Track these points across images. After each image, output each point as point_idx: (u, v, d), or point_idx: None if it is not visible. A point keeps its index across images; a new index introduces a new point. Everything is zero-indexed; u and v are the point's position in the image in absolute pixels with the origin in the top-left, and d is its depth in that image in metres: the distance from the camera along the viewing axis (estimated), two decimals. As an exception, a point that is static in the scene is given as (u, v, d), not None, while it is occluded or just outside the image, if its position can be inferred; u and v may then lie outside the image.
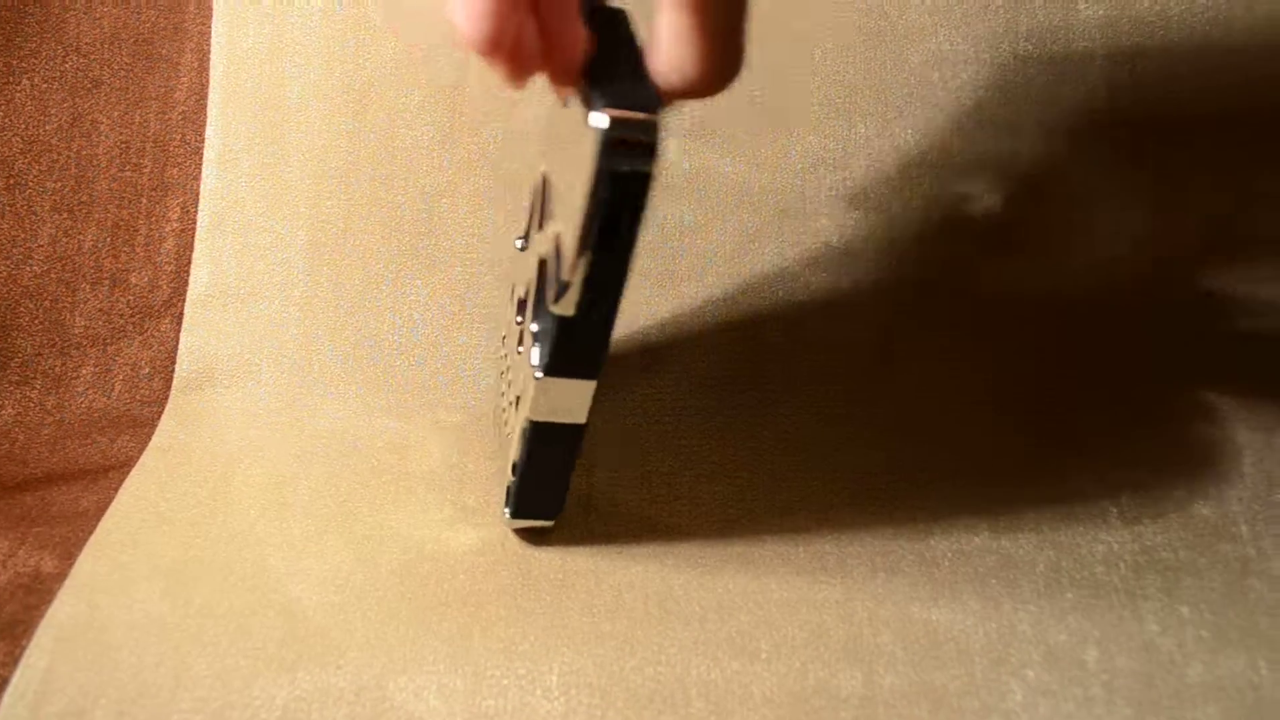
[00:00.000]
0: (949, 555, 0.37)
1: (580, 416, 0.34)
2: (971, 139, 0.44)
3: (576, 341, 0.32)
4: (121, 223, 0.45)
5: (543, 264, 0.34)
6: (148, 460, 0.40)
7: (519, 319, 0.37)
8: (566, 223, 0.31)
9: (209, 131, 0.46)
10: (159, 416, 0.42)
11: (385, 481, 0.39)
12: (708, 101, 0.44)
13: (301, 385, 0.43)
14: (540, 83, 0.44)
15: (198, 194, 0.45)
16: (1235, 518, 0.38)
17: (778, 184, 0.44)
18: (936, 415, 0.42)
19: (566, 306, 0.31)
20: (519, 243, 0.39)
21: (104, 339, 0.44)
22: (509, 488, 0.36)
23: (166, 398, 0.43)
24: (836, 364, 0.42)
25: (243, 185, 0.45)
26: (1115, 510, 0.38)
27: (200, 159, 0.45)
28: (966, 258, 0.44)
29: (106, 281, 0.45)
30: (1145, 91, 0.44)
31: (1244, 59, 0.43)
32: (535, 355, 0.34)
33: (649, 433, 0.38)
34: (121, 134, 0.46)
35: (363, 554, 0.37)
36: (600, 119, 0.28)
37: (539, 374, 0.33)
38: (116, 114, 0.46)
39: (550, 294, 0.32)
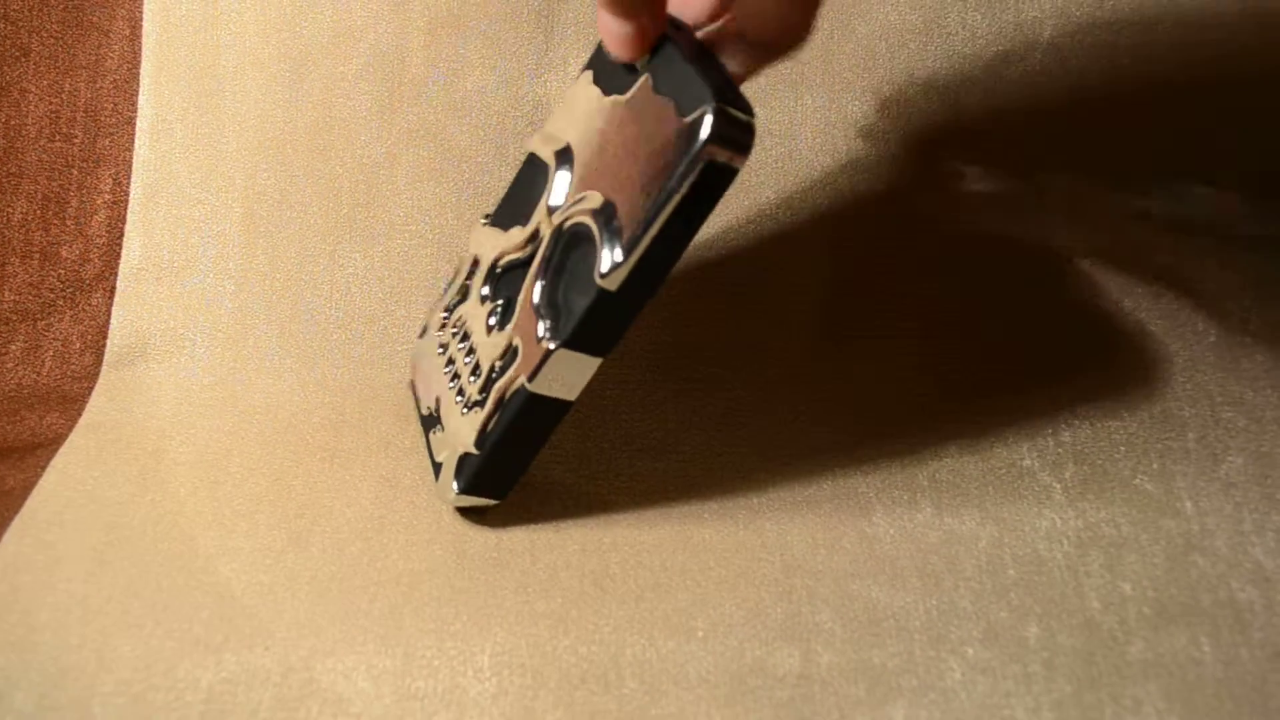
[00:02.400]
0: (891, 532, 0.36)
1: (574, 394, 0.34)
2: (920, 110, 0.43)
3: (607, 317, 0.33)
4: (51, 195, 0.44)
5: (569, 236, 0.34)
6: (77, 438, 0.39)
7: (487, 291, 0.37)
8: (627, 201, 0.32)
9: (142, 101, 0.44)
10: (89, 393, 0.41)
11: (319, 459, 0.38)
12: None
13: (235, 360, 0.42)
14: (487, 57, 0.44)
15: (130, 165, 0.44)
16: (1179, 493, 0.38)
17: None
18: (880, 391, 0.41)
19: (613, 281, 0.32)
20: (485, 219, 0.38)
21: (33, 314, 0.43)
22: (461, 460, 0.36)
23: (97, 373, 0.42)
24: (779, 339, 0.42)
25: (176, 156, 0.44)
26: (1059, 486, 0.38)
27: (133, 129, 0.44)
28: (912, 230, 0.43)
29: (36, 255, 0.44)
30: (1093, 60, 0.43)
31: (1189, 32, 0.43)
32: (542, 329, 0.33)
33: (588, 408, 0.38)
34: (51, 103, 0.44)
35: (294, 532, 0.36)
36: (710, 112, 0.30)
37: (553, 345, 0.33)
38: (46, 82, 0.44)
39: (595, 267, 0.32)
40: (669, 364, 0.42)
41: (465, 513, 0.37)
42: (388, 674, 0.32)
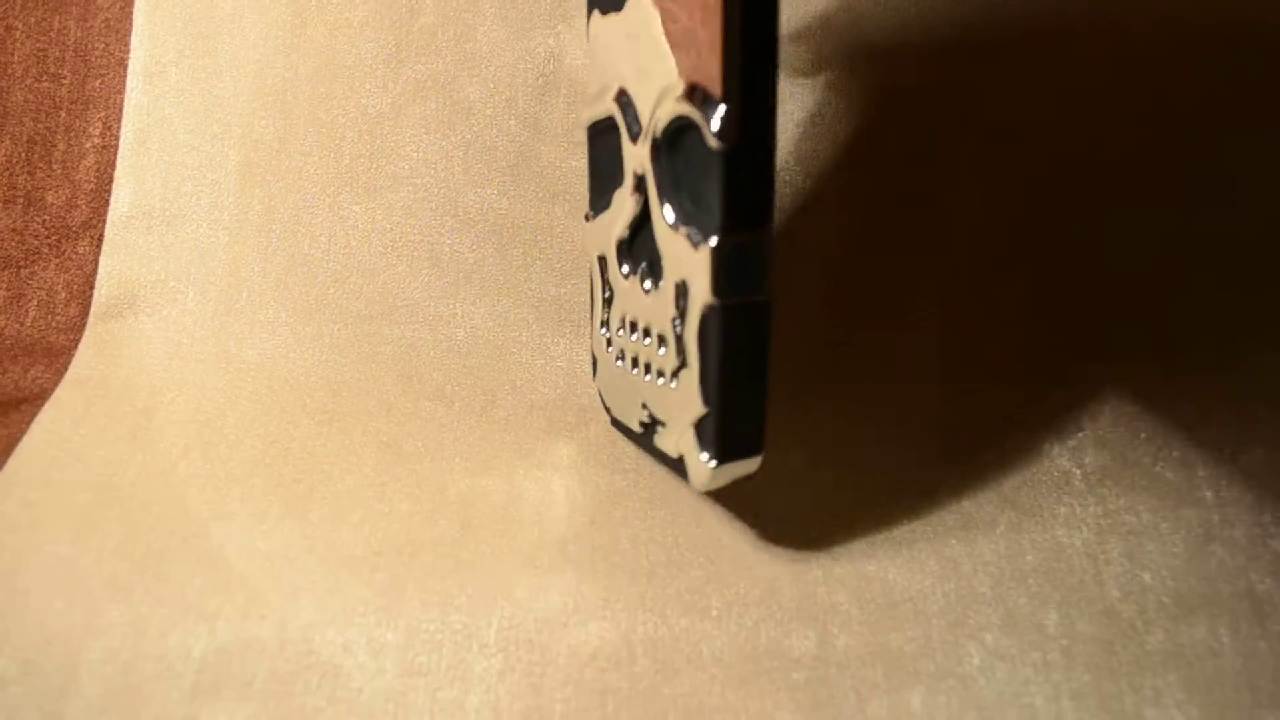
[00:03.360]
0: (907, 514, 0.35)
1: (764, 291, 0.31)
2: (897, 69, 0.42)
3: (746, 179, 0.29)
4: (37, 137, 0.42)
5: (669, 136, 0.31)
6: (63, 393, 0.38)
7: (624, 271, 0.34)
8: (701, 63, 0.29)
9: (134, 41, 0.43)
10: (76, 345, 0.40)
11: (317, 421, 0.37)
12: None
13: (229, 314, 0.40)
14: (500, 8, 0.42)
15: (121, 108, 0.42)
16: (1199, 483, 0.37)
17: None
18: (889, 372, 0.40)
19: (729, 133, 0.28)
20: (589, 216, 0.36)
21: (17, 261, 0.41)
22: (699, 430, 0.32)
23: (84, 325, 0.40)
24: (788, 316, 0.41)
25: (170, 100, 0.42)
26: (1078, 472, 0.37)
27: (124, 70, 0.43)
28: (897, 200, 0.42)
29: (20, 200, 0.42)
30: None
31: None
32: (693, 235, 0.30)
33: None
34: (38, 41, 0.43)
35: (292, 498, 0.35)
36: None
37: (713, 240, 0.30)
38: (33, 19, 0.43)
39: (705, 136, 0.29)
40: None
41: (718, 498, 0.34)
42: (390, 647, 0.31)
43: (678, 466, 0.34)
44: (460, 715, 0.29)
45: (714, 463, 0.32)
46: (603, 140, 0.35)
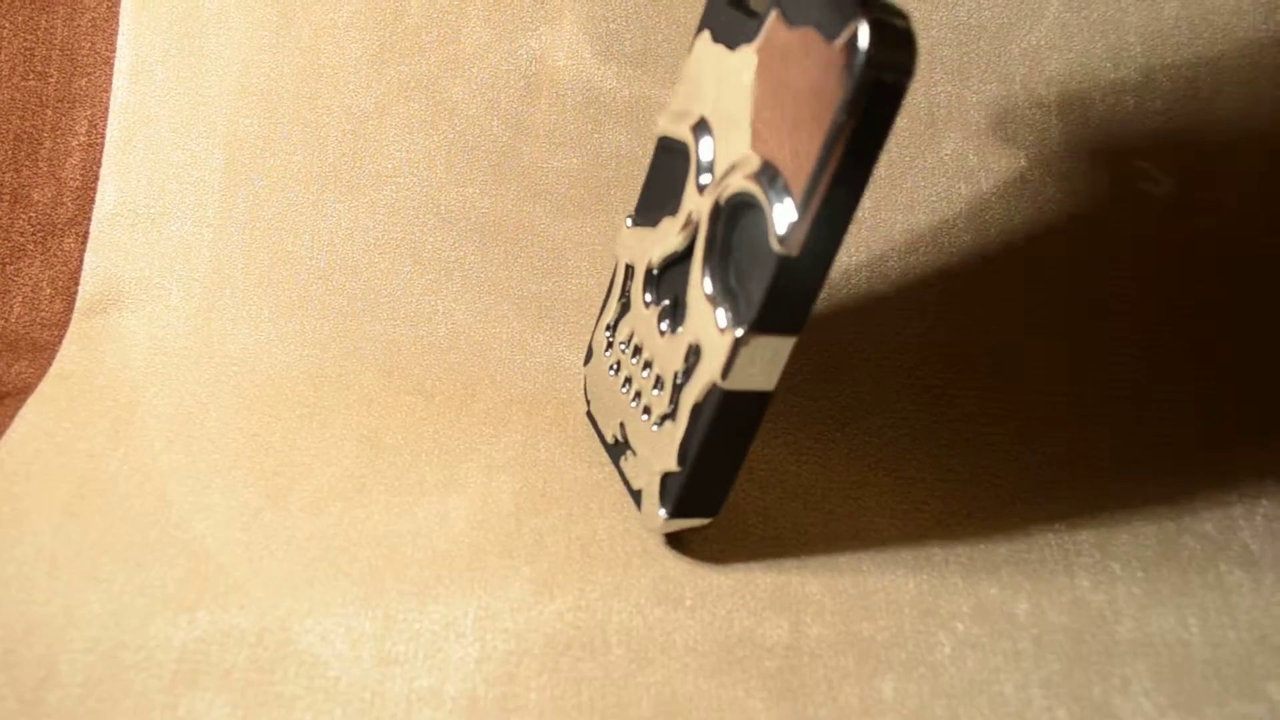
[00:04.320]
0: (882, 505, 0.36)
1: (772, 381, 0.31)
2: (922, 80, 0.43)
3: (793, 287, 0.29)
4: (24, 135, 0.42)
5: (729, 211, 0.31)
6: (46, 387, 0.38)
7: (651, 298, 0.34)
8: (789, 152, 0.29)
9: (121, 40, 0.43)
10: (60, 341, 0.40)
11: (298, 415, 0.37)
12: (650, 29, 0.43)
13: (212, 310, 0.40)
14: (486, 10, 0.42)
15: (107, 107, 0.43)
16: (1171, 476, 0.37)
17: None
18: (871, 365, 0.40)
19: (793, 243, 0.28)
20: (630, 221, 0.36)
21: (2, 258, 0.42)
22: (664, 481, 0.33)
23: (68, 321, 0.41)
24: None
25: (156, 99, 0.42)
26: (1052, 464, 0.38)
27: (110, 69, 0.43)
28: (913, 203, 0.43)
29: (6, 197, 0.42)
30: (1098, 31, 0.43)
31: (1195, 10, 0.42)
32: (723, 316, 0.30)
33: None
34: (25, 40, 0.43)
35: (272, 490, 0.35)
36: (864, 24, 0.26)
37: (740, 331, 0.30)
38: (20, 18, 0.43)
39: (768, 234, 0.29)
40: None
41: (669, 540, 0.34)
42: (367, 637, 0.31)
43: (634, 494, 0.35)
44: (437, 703, 0.30)
45: (664, 517, 0.33)
46: (670, 158, 0.35)
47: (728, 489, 0.33)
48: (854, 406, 0.39)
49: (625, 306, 0.36)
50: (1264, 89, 0.42)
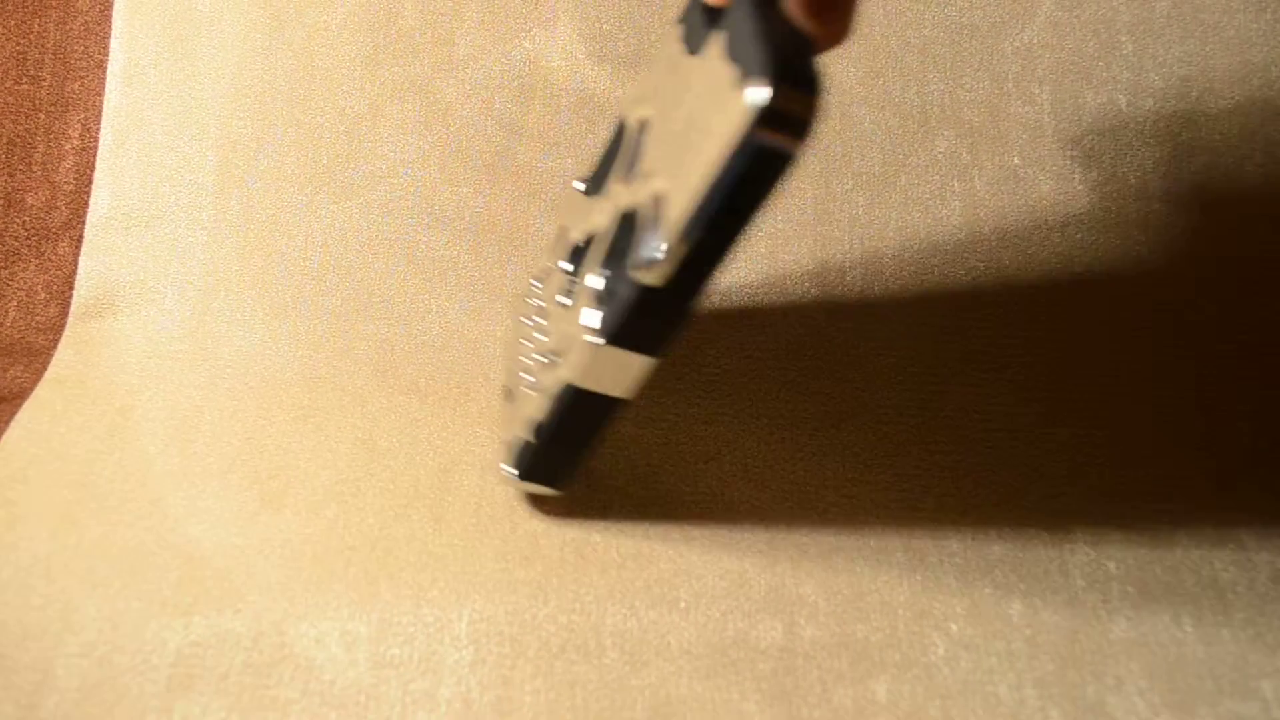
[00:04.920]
0: (876, 506, 0.36)
1: (629, 392, 0.32)
2: (916, 78, 0.43)
3: (653, 315, 0.30)
4: (17, 139, 0.43)
5: (627, 218, 0.31)
6: (42, 392, 0.38)
7: (568, 267, 0.35)
8: (678, 185, 0.28)
9: (114, 44, 0.43)
10: (55, 345, 0.40)
11: (292, 417, 0.38)
12: (643, 31, 0.43)
13: (207, 313, 0.41)
14: (480, 12, 0.42)
15: (100, 110, 0.43)
16: (1166, 475, 0.37)
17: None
18: (864, 363, 0.40)
19: (655, 276, 0.29)
20: (580, 185, 0.36)
21: (-3, 262, 0.42)
22: (523, 446, 0.34)
23: (63, 325, 0.41)
24: (767, 307, 0.41)
25: (149, 102, 0.42)
26: (1047, 464, 0.38)
27: (103, 73, 0.43)
28: (907, 201, 0.43)
29: (0, 202, 0.42)
30: (1090, 30, 0.43)
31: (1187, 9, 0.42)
32: (593, 317, 0.31)
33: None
34: (18, 44, 0.43)
35: (267, 494, 0.35)
36: (763, 88, 0.26)
37: (599, 340, 0.30)
38: (13, 22, 0.43)
39: (637, 257, 0.29)
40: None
41: (529, 499, 0.35)
42: (362, 640, 0.31)
43: (504, 441, 0.36)
44: (431, 706, 0.30)
45: (514, 475, 0.34)
46: (619, 139, 0.35)
47: (572, 472, 0.34)
48: (848, 404, 0.39)
49: (553, 265, 0.36)
50: (1255, 86, 0.42)
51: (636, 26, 0.43)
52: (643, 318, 0.30)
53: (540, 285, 0.37)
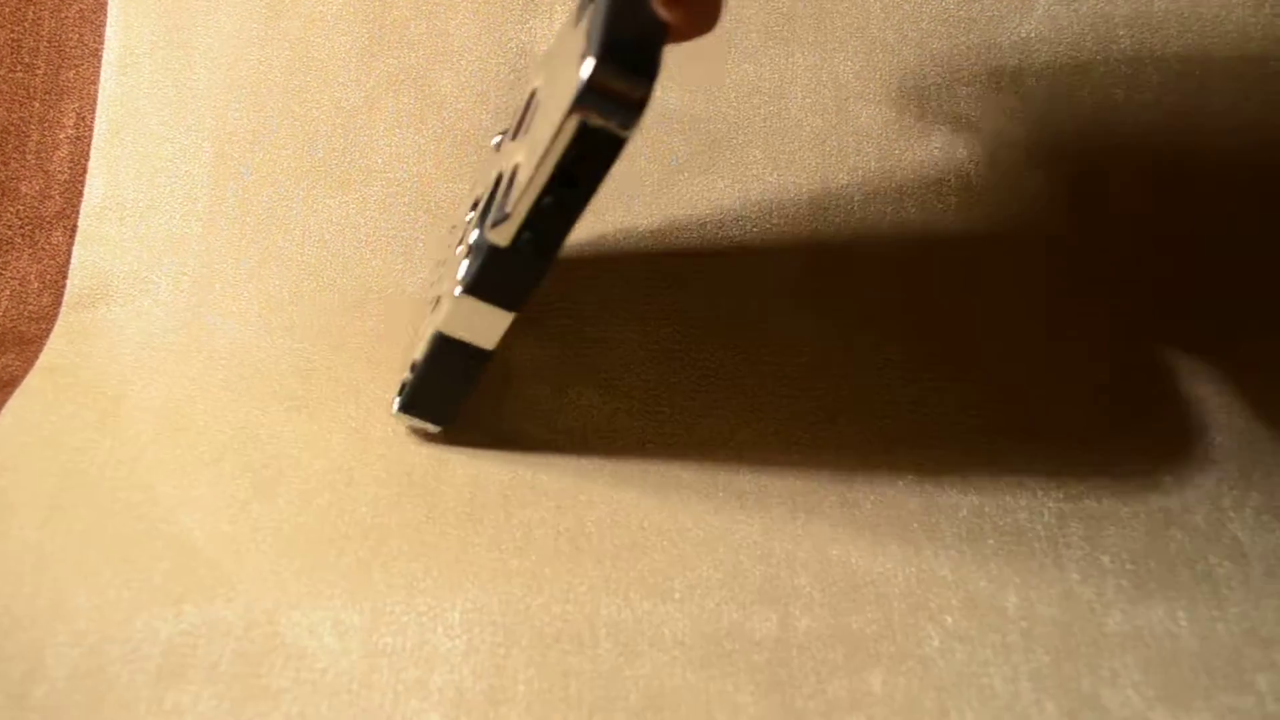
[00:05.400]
0: (871, 498, 0.36)
1: (489, 343, 0.33)
2: (913, 72, 0.43)
3: (502, 271, 0.32)
4: (11, 127, 0.42)
5: (499, 179, 0.33)
6: (33, 380, 0.38)
7: (467, 219, 0.36)
8: (529, 153, 0.30)
9: (109, 32, 0.43)
10: (47, 334, 0.40)
11: (286, 407, 0.37)
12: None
13: (201, 304, 0.40)
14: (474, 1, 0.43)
15: (95, 99, 0.42)
16: (1160, 467, 0.37)
17: (710, 112, 0.43)
18: (860, 358, 0.40)
19: (501, 235, 0.30)
20: (496, 139, 0.37)
21: (-10, 251, 0.41)
22: (404, 381, 0.36)
23: (56, 314, 0.40)
24: (761, 301, 0.41)
25: (144, 92, 0.42)
26: (1041, 457, 0.37)
27: (99, 61, 0.43)
28: (903, 196, 0.43)
29: (-6, 190, 0.42)
30: (1088, 24, 0.43)
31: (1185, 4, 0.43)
32: (463, 269, 0.32)
33: (566, 364, 0.37)
34: (12, 31, 0.43)
35: (260, 483, 0.35)
36: (589, 65, 0.26)
37: (458, 290, 0.32)
38: (7, 9, 0.43)
39: (491, 216, 0.31)
40: (650, 323, 0.41)
41: (416, 432, 0.37)
42: (355, 629, 0.31)
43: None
44: (424, 695, 0.30)
45: (396, 409, 0.36)
46: (523, 100, 0.35)
47: (454, 411, 0.36)
48: (845, 399, 0.39)
49: (475, 206, 0.37)
50: (1253, 81, 0.42)
51: (633, 18, 0.43)
52: (493, 273, 0.32)
53: (450, 234, 0.39)
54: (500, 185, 0.32)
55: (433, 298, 0.37)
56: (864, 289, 0.42)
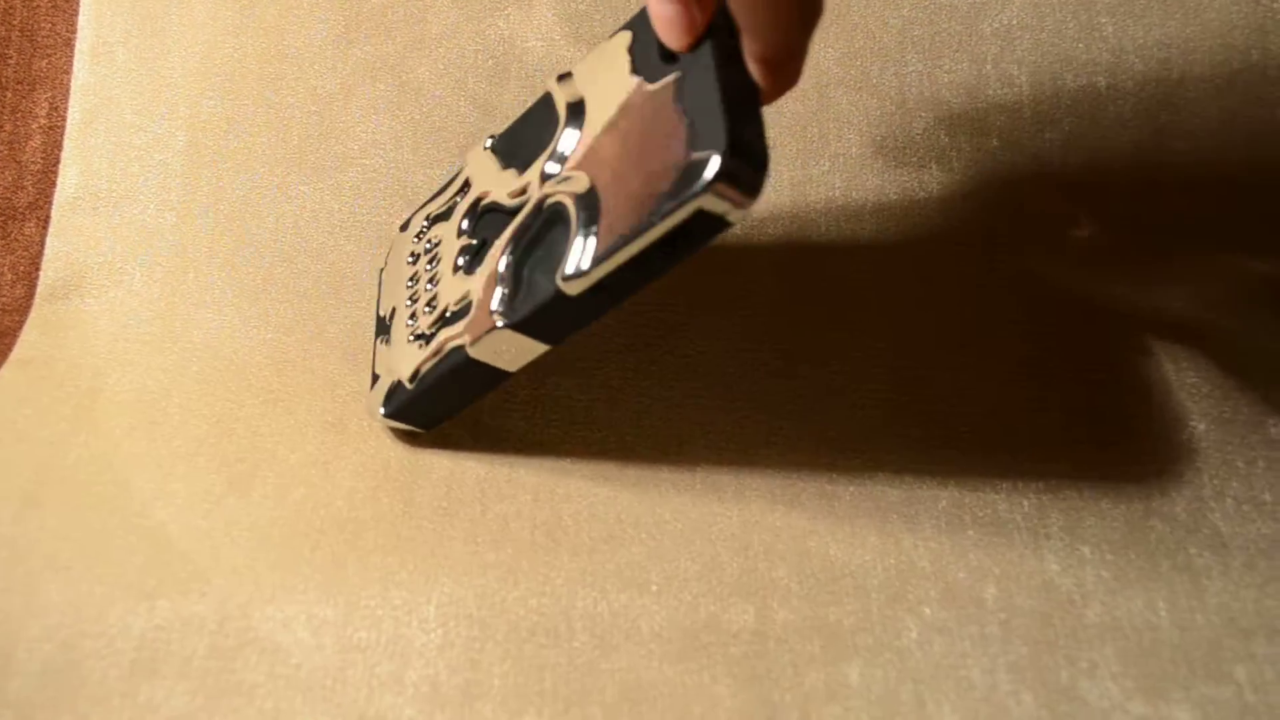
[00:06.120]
0: (850, 489, 0.35)
1: (514, 367, 0.33)
2: (894, 59, 0.42)
3: (559, 314, 0.31)
4: (-17, 117, 0.42)
5: (551, 214, 0.32)
6: (7, 374, 0.38)
7: (466, 226, 0.35)
8: (614, 210, 0.30)
9: (81, 21, 0.42)
10: (20, 326, 0.39)
11: (262, 400, 0.37)
12: (621, 10, 0.43)
13: (175, 295, 0.40)
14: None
15: (68, 89, 0.42)
16: (1141, 458, 0.37)
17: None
18: (842, 347, 0.40)
19: (573, 287, 0.30)
20: (488, 141, 0.37)
21: (-37, 242, 0.41)
22: (394, 387, 0.35)
23: (29, 306, 0.40)
24: (742, 290, 0.41)
25: (117, 81, 0.42)
26: (1021, 448, 0.37)
27: (71, 51, 0.42)
28: (884, 183, 0.42)
29: (-34, 180, 0.41)
30: (1070, 11, 0.42)
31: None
32: (498, 296, 0.32)
33: (544, 353, 0.37)
34: (-16, 20, 0.42)
35: (235, 477, 0.34)
36: (716, 161, 0.27)
37: (500, 322, 0.32)
38: (-21, -2, 0.42)
39: (561, 265, 0.30)
40: (630, 312, 0.40)
41: (398, 434, 0.36)
42: (329, 624, 0.31)
43: (373, 376, 0.37)
44: (399, 689, 0.30)
45: (384, 414, 0.35)
46: (547, 116, 0.35)
47: (445, 418, 0.36)
48: (825, 388, 0.39)
49: (448, 214, 0.37)
50: (1235, 69, 0.42)
51: (613, 6, 0.42)
52: (549, 315, 0.31)
53: (429, 227, 0.38)
54: (546, 222, 0.32)
55: (425, 302, 0.36)
56: (844, 277, 0.41)
